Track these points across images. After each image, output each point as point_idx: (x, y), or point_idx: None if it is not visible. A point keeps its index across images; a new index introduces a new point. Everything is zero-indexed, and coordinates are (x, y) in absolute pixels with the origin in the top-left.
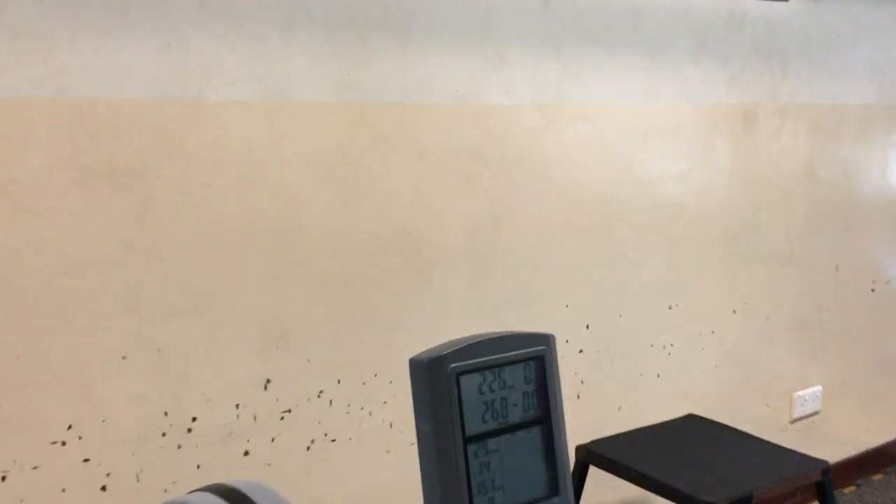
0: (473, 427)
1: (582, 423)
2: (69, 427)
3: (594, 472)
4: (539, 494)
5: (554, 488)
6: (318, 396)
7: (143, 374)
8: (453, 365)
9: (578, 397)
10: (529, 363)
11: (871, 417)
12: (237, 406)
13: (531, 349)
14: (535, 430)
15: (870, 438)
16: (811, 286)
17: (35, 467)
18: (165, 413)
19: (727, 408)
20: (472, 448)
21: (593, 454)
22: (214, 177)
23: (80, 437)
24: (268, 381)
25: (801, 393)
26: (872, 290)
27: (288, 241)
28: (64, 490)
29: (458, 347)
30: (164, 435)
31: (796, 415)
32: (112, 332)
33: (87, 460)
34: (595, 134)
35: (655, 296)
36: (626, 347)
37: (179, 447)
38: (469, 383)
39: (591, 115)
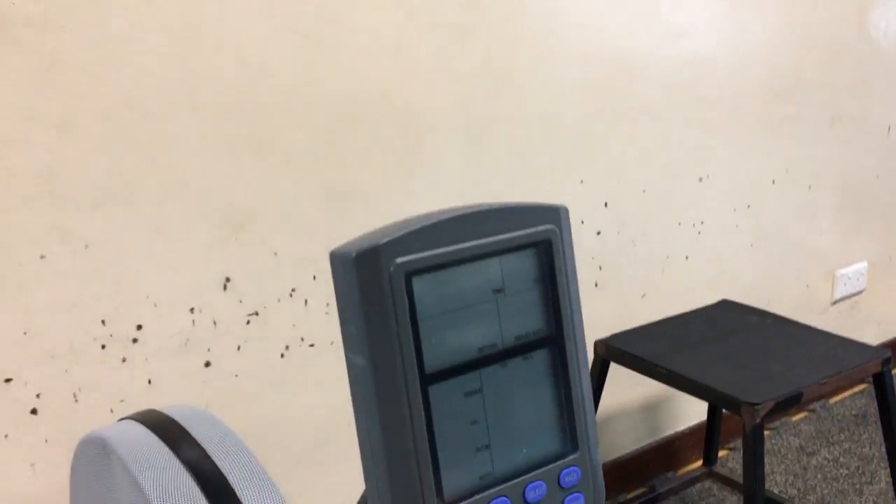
0: (437, 358)
1: (601, 316)
2: None
3: (615, 371)
4: (548, 452)
5: (570, 442)
6: (291, 295)
7: (68, 275)
8: (400, 259)
9: (596, 285)
10: (528, 252)
11: None
12: (192, 310)
13: (530, 230)
14: (539, 357)
15: None
16: (860, 151)
17: None
18: (102, 321)
19: (763, 291)
20: (436, 391)
21: (614, 350)
22: (139, 28)
23: None
24: (227, 279)
25: (844, 271)
26: None
27: (240, 110)
28: None
29: (406, 231)
30: (103, 347)
31: (838, 295)
32: (23, 227)
33: (8, 380)
34: None
35: (684, 167)
36: (650, 227)
37: (124, 360)
38: (427, 289)
39: None
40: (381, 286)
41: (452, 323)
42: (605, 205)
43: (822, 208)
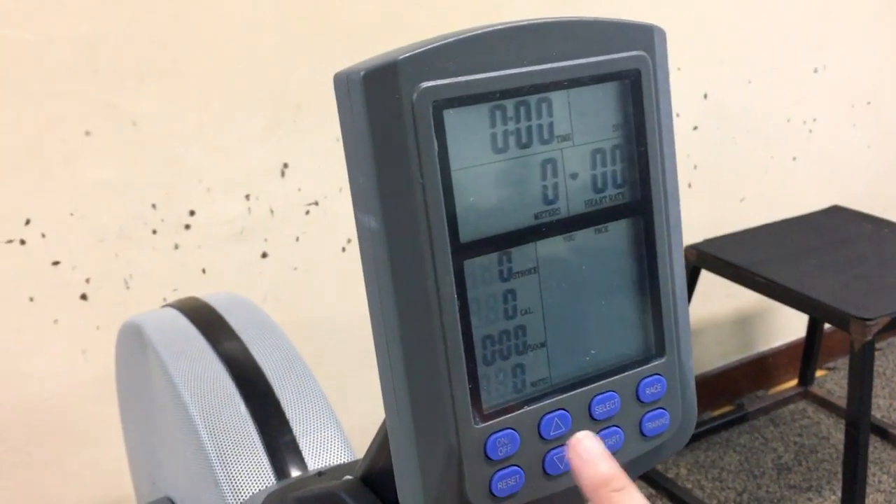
0: (477, 225)
1: (693, 219)
2: (27, 222)
3: (707, 278)
4: (624, 356)
5: (654, 344)
6: None
7: (116, 154)
8: (427, 84)
9: (690, 186)
10: (608, 87)
11: None
12: (247, 197)
13: (613, 56)
14: (617, 230)
15: None
16: None
17: None
18: (153, 205)
19: (880, 198)
20: (473, 268)
21: (706, 256)
22: None
23: (43, 235)
24: (285, 165)
25: None
26: None
27: None
28: (32, 299)
29: (437, 44)
30: (154, 232)
31: None
32: (67, 99)
33: (56, 263)
34: None
35: (797, 54)
36: (754, 123)
37: (176, 247)
38: (465, 127)
39: None
40: (399, 119)
41: (499, 178)
42: (705, 96)
43: None
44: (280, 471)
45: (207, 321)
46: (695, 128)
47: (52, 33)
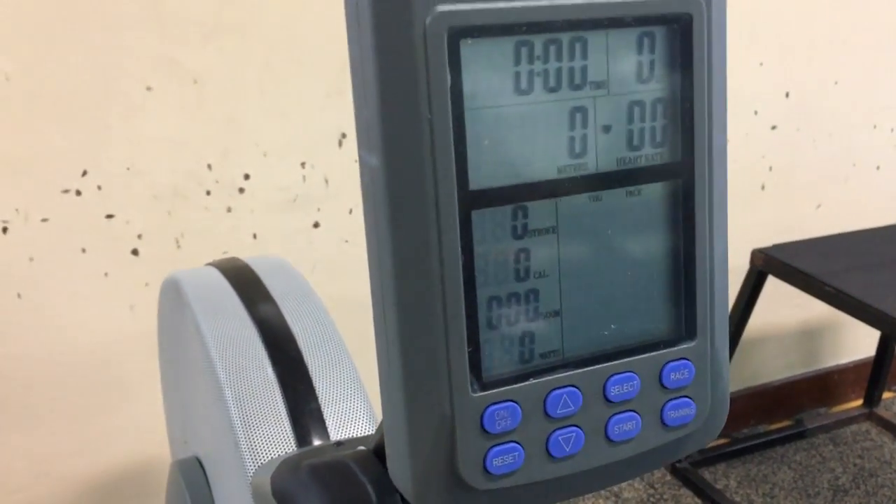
0: (489, 171)
1: (765, 223)
2: (84, 173)
3: (773, 285)
4: (649, 334)
5: (685, 324)
6: None
7: (175, 111)
8: (444, 7)
9: (763, 188)
10: (654, 31)
11: None
12: (303, 165)
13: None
14: (651, 193)
15: None
16: None
17: (44, 219)
18: (209, 166)
19: None
20: (482, 219)
21: (774, 261)
22: None
23: (98, 187)
24: (343, 135)
25: None
26: None
27: None
28: (84, 250)
29: None
30: (208, 193)
31: None
32: (129, 53)
33: (110, 216)
34: None
35: (891, 55)
36: (838, 127)
37: (230, 210)
38: (483, 61)
39: None
40: (410, 45)
41: (519, 122)
42: (787, 95)
43: None
44: (302, 438)
45: (246, 283)
46: (773, 127)
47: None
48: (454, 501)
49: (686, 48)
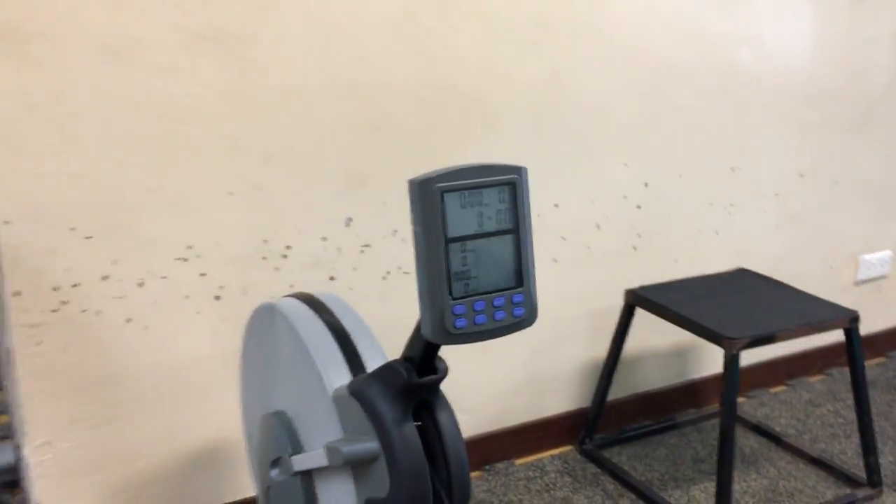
0: (454, 231)
1: (637, 273)
2: (189, 247)
3: (648, 318)
4: (505, 285)
5: (519, 282)
6: (393, 234)
7: (245, 207)
8: (439, 184)
9: (635, 249)
10: (504, 187)
11: None
12: (323, 239)
13: (505, 177)
14: (507, 238)
15: None
16: (887, 154)
17: (164, 277)
18: (265, 241)
19: (787, 267)
20: (452, 246)
21: (639, 297)
22: (302, 40)
23: (197, 256)
24: (349, 219)
25: (868, 256)
26: None
27: (366, 98)
28: (187, 297)
29: (443, 172)
30: (264, 258)
31: (861, 277)
32: (220, 171)
33: (203, 274)
34: (661, 2)
35: (718, 157)
36: (684, 205)
37: (277, 269)
38: (452, 199)
39: None
40: (429, 195)
41: (464, 215)
42: (646, 184)
43: (848, 201)
44: (354, 374)
45: (314, 302)
46: (638, 206)
47: (213, 132)
48: (445, 338)
49: (514, 192)
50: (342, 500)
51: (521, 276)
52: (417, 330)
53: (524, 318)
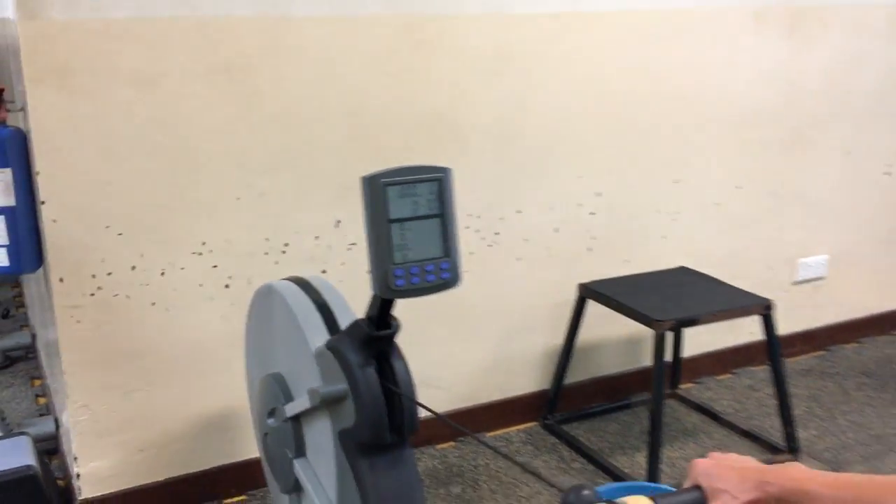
0: (395, 214)
1: (591, 271)
2: (203, 243)
3: (603, 310)
4: (435, 255)
5: (446, 253)
6: None
7: (251, 210)
8: (383, 180)
9: (590, 250)
10: (433, 182)
11: (878, 286)
12: (316, 238)
13: (434, 175)
14: (435, 221)
15: (876, 304)
16: (821, 168)
17: (182, 268)
18: (267, 239)
19: (728, 268)
20: (393, 226)
21: (590, 290)
22: (298, 72)
23: (210, 251)
24: (338, 221)
25: (805, 259)
26: (887, 174)
27: (352, 121)
28: (201, 285)
29: (387, 170)
30: (266, 254)
31: (799, 278)
32: (230, 180)
33: (215, 266)
34: (609, 36)
35: (663, 171)
36: (633, 212)
37: (277, 263)
38: (393, 190)
39: (604, 21)
40: (376, 188)
41: (402, 202)
42: (599, 194)
43: (785, 210)
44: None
45: (303, 283)
46: (591, 213)
47: (223, 149)
48: (389, 293)
49: (441, 187)
50: (322, 433)
51: (447, 248)
52: (374, 295)
53: (450, 279)
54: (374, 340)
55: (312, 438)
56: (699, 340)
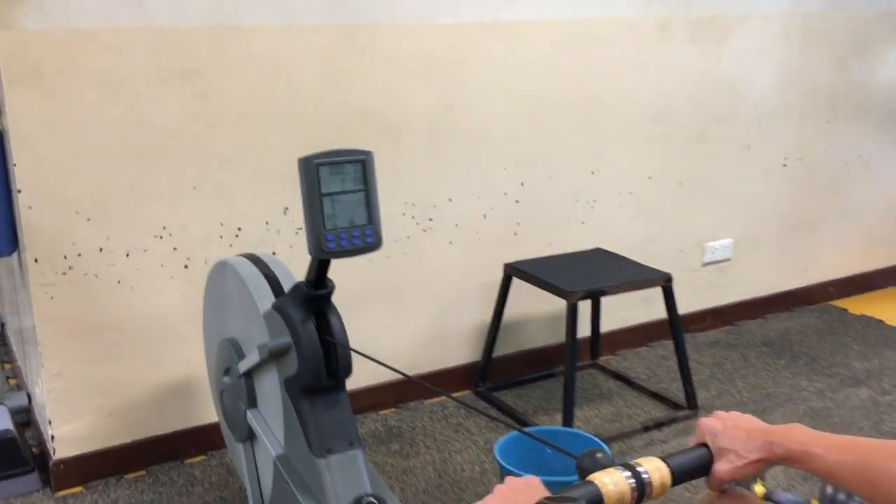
0: (326, 189)
1: (517, 254)
2: (164, 228)
3: (529, 288)
4: (360, 223)
5: (370, 221)
6: None
7: (207, 198)
8: (316, 160)
9: (515, 234)
10: (358, 163)
11: (779, 267)
12: (266, 223)
13: (359, 157)
14: (360, 194)
15: (777, 283)
16: (724, 161)
17: (145, 250)
18: (221, 224)
19: (642, 252)
20: (325, 198)
21: (514, 268)
22: (246, 75)
23: (170, 235)
24: (286, 208)
25: (712, 243)
26: (784, 166)
27: (298, 118)
28: (162, 265)
29: (319, 153)
30: (221, 237)
31: (707, 260)
32: (188, 172)
33: (175, 249)
34: (529, 43)
35: (580, 163)
36: (554, 200)
37: (231, 245)
38: (324, 169)
39: (524, 30)
40: (310, 168)
41: (332, 179)
42: (522, 184)
43: (692, 199)
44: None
45: (254, 258)
46: (516, 201)
47: (180, 146)
48: (321, 254)
49: (364, 166)
50: (271, 384)
51: (371, 217)
52: (312, 259)
53: (373, 243)
54: (313, 299)
55: (262, 390)
56: (618, 316)
